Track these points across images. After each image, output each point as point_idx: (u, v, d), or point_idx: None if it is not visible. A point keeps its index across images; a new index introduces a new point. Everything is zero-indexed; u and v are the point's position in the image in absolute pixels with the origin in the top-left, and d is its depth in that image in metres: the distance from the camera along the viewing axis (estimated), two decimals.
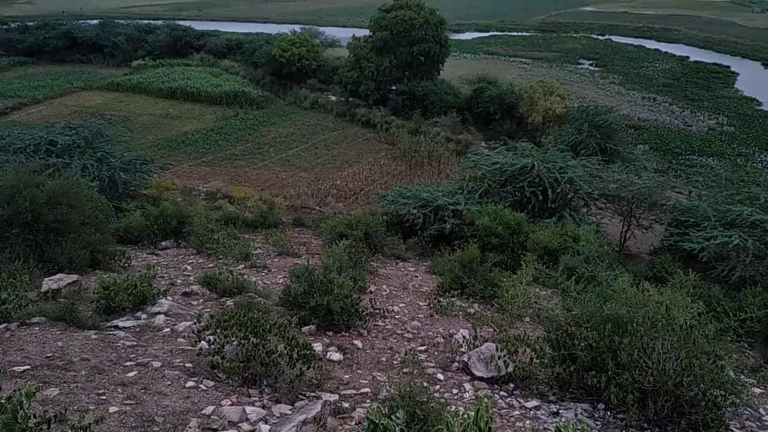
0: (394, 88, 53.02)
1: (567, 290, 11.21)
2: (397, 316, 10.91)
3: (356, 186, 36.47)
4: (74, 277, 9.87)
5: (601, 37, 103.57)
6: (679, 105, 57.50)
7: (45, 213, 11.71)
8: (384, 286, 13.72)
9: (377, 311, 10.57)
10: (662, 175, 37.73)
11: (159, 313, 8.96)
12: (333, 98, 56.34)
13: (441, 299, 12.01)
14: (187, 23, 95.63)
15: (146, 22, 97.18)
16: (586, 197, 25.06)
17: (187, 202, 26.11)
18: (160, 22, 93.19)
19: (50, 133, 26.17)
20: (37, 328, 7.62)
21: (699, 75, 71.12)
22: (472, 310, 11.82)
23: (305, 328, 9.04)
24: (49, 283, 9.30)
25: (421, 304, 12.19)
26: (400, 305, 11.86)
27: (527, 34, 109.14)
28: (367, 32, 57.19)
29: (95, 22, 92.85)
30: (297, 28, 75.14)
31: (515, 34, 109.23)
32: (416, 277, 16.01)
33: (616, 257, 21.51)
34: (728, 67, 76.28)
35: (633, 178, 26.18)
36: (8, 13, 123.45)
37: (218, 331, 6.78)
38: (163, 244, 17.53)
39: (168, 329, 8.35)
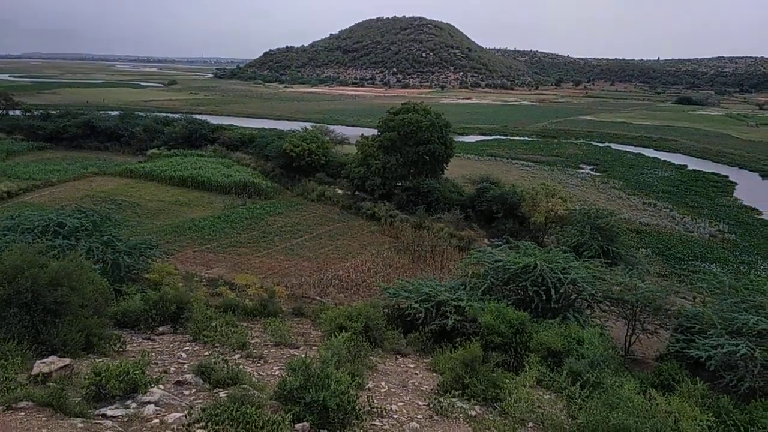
0: (399, 184, 54.22)
1: (572, 396, 10.79)
2: (395, 416, 10.45)
3: (358, 277, 36.29)
4: (66, 360, 9.61)
5: (600, 144, 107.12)
6: (679, 211, 58.28)
7: (45, 294, 11.63)
8: (383, 383, 13.25)
9: (375, 410, 10.14)
10: (665, 280, 37.46)
11: (149, 402, 8.61)
12: (340, 192, 57.53)
13: (441, 399, 11.56)
14: (203, 117, 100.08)
15: (164, 114, 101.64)
16: (589, 299, 24.77)
17: (188, 288, 25.93)
18: (177, 116, 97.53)
19: (60, 215, 26.53)
20: (23, 413, 7.32)
21: (698, 183, 72.68)
22: (474, 413, 11.33)
23: (299, 425, 8.63)
24: (40, 366, 9.05)
25: (420, 403, 11.71)
26: (399, 404, 11.40)
27: (529, 139, 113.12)
28: (375, 132, 59.50)
29: (116, 112, 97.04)
30: (309, 125, 78.47)
31: (517, 138, 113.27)
32: (416, 374, 15.50)
33: (622, 362, 20.89)
34: (726, 176, 78.13)
35: (636, 281, 25.99)
36: (34, 102, 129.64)
37: (209, 425, 6.49)
38: (161, 329, 17.21)
39: (157, 420, 7.99)
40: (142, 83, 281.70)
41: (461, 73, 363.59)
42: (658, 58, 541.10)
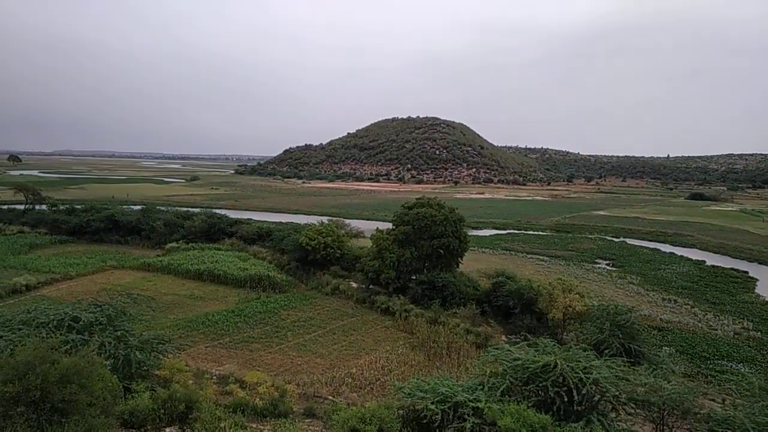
0: (414, 278, 53.92)
1: None
2: None
3: (372, 375, 35.18)
4: None
5: (615, 239, 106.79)
6: (701, 308, 56.76)
7: (54, 391, 11.42)
8: None
9: None
10: (692, 381, 35.80)
11: None
12: (354, 285, 57.25)
13: None
14: (223, 211, 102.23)
15: (185, 209, 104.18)
16: (613, 401, 23.60)
17: (198, 386, 25.28)
18: (197, 210, 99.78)
19: (75, 309, 26.56)
20: None
21: (717, 279, 71.32)
22: None
23: None
24: None
25: None
26: None
27: (543, 233, 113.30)
28: (390, 226, 60.14)
29: (139, 207, 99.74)
30: (325, 219, 79.61)
31: (531, 233, 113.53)
32: None
33: None
34: (746, 272, 76.72)
35: (662, 382, 24.86)
36: (61, 197, 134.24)
37: None
38: (167, 430, 16.62)
39: None
40: (165, 179, 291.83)
41: (474, 170, 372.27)
42: (668, 155, 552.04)
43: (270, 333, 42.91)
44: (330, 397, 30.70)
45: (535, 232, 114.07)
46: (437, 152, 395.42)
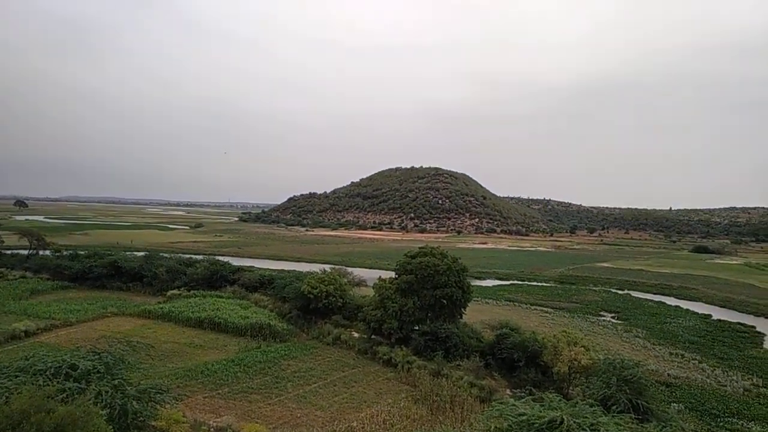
0: (416, 328, 53.25)
1: None
2: None
3: (374, 430, 34.22)
4: None
5: (620, 291, 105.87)
6: (709, 363, 55.63)
7: None
8: None
9: None
10: None
11: None
12: (356, 335, 56.51)
13: None
14: (226, 258, 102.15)
15: (188, 256, 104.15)
16: None
17: None
18: (200, 257, 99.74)
19: (74, 357, 26.20)
20: None
21: (724, 333, 70.19)
22: None
23: None
24: None
25: None
26: None
27: (546, 284, 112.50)
28: (392, 275, 59.89)
29: (142, 253, 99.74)
30: (327, 267, 79.41)
31: (535, 284, 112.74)
32: None
33: None
34: (753, 327, 75.57)
35: None
36: (65, 242, 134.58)
37: None
38: None
39: None
40: (170, 225, 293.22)
41: (477, 219, 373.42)
42: (671, 208, 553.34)
43: (270, 384, 42.09)
44: None
45: (539, 283, 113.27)
46: (440, 202, 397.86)
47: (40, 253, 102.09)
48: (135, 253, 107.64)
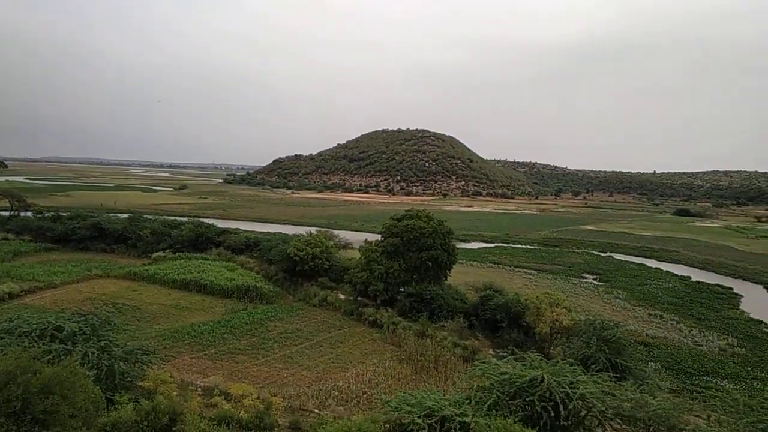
0: (402, 290, 53.87)
1: None
2: None
3: (359, 389, 34.97)
4: None
5: (602, 254, 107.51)
6: (686, 324, 57.19)
7: (35, 402, 11.23)
8: None
9: None
10: (677, 396, 36.00)
11: None
12: (342, 297, 57.08)
13: None
14: (211, 221, 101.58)
15: (173, 218, 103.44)
16: (599, 416, 23.63)
17: (183, 398, 24.98)
18: (185, 219, 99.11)
19: (59, 318, 26.19)
20: None
21: (702, 295, 71.96)
22: None
23: None
24: None
25: None
26: None
27: (531, 247, 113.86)
28: (378, 237, 60.15)
29: (126, 215, 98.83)
30: (313, 230, 79.42)
31: (519, 246, 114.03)
32: None
33: None
34: (731, 288, 77.49)
35: (648, 398, 24.93)
36: (47, 204, 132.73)
37: None
38: None
39: None
40: (153, 187, 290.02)
41: (463, 182, 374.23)
42: (654, 171, 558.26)
43: (256, 345, 42.57)
44: (316, 411, 30.47)
45: (523, 246, 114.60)
46: (426, 164, 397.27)
47: (22, 214, 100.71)
48: (118, 215, 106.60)
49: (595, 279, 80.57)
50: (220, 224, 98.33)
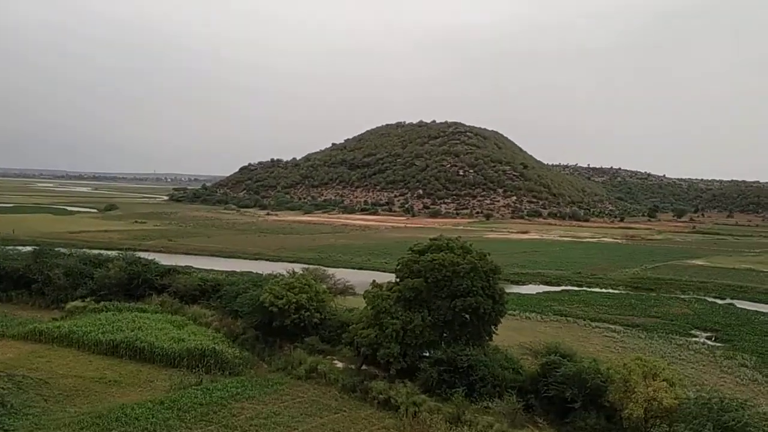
0: (426, 354, 53.50)
1: None
2: None
3: None
4: None
5: (719, 301, 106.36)
6: None
7: None
8: None
9: None
10: None
11: None
12: (339, 365, 56.76)
13: None
14: (151, 255, 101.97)
15: (97, 251, 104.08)
16: None
17: None
18: (114, 253, 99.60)
19: None
20: None
21: None
22: None
23: None
24: None
25: None
26: None
27: (614, 291, 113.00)
28: (392, 278, 59.95)
29: (29, 248, 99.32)
30: (298, 268, 79.54)
31: (597, 290, 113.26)
32: None
33: None
34: None
35: None
36: None
37: None
38: None
39: None
40: (69, 207, 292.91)
41: (514, 198, 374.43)
42: None
43: None
44: None
45: (604, 290, 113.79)
46: (461, 172, 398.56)
47: None
48: (18, 248, 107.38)
49: (709, 338, 79.55)
50: (165, 260, 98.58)
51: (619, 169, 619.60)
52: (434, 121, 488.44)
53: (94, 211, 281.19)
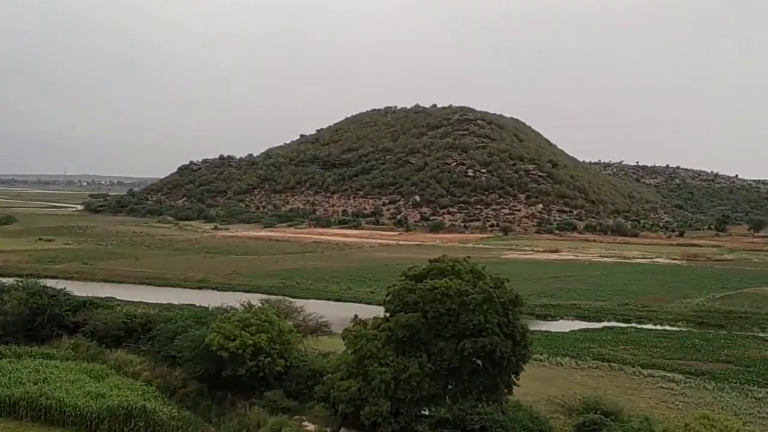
0: (426, 413, 53.40)
1: None
2: None
3: None
4: None
5: None
6: None
7: None
8: None
9: None
10: None
11: None
12: (311, 427, 56.59)
13: None
14: (61, 284, 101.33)
15: None
16: None
17: None
18: (11, 281, 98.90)
19: None
20: None
21: None
22: None
23: None
24: None
25: None
26: None
27: (673, 328, 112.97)
28: (379, 312, 59.81)
29: None
30: (256, 299, 79.18)
31: (650, 327, 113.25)
32: None
33: None
34: None
35: None
36: None
37: None
38: None
39: None
40: None
41: (540, 206, 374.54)
42: None
43: None
44: None
45: (658, 327, 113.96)
46: (470, 173, 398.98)
47: None
48: None
49: None
50: (79, 290, 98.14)
51: (678, 168, 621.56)
52: (435, 106, 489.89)
53: None
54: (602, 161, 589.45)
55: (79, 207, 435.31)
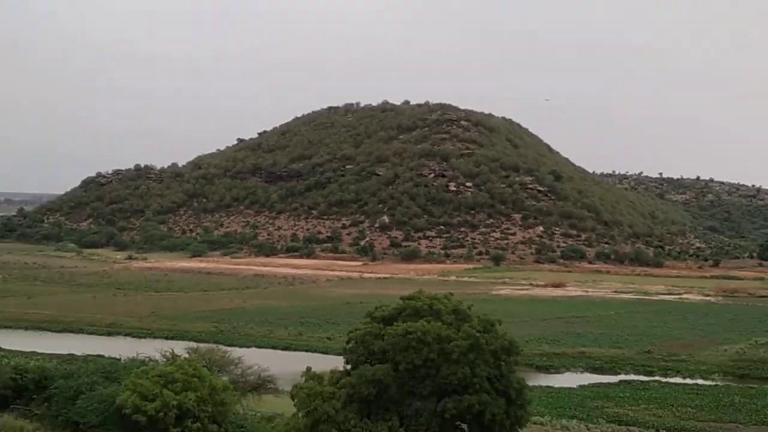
0: None
1: None
2: None
3: None
4: None
5: None
6: None
7: None
8: None
9: None
10: None
11: None
12: None
13: None
14: None
15: None
16: None
17: None
18: None
19: None
20: None
21: None
22: None
23: None
24: None
25: None
26: None
27: (706, 382, 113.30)
28: (338, 363, 59.76)
29: None
30: (180, 347, 78.90)
31: (678, 381, 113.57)
32: None
33: None
34: None
35: None
36: None
37: None
38: None
39: None
40: None
41: (540, 228, 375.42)
42: None
43: None
44: None
45: (688, 380, 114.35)
46: (452, 187, 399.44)
47: None
48: None
49: None
50: None
51: (711, 180, 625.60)
52: (407, 103, 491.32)
53: None
54: (617, 173, 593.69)
55: None
